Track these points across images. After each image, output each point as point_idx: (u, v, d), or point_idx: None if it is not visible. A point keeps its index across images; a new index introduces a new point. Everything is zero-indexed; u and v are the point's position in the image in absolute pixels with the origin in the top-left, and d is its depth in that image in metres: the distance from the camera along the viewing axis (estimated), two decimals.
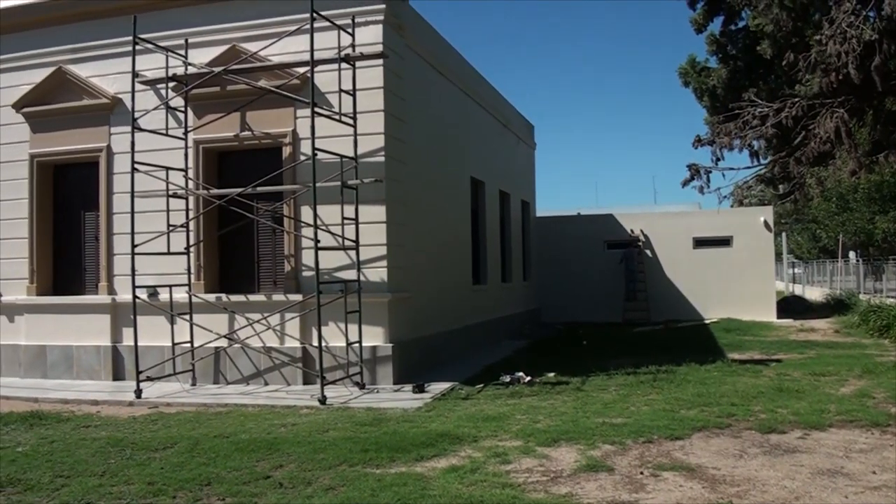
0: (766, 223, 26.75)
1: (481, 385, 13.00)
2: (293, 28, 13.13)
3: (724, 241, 27.05)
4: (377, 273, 13.35)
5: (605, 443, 8.49)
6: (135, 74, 13.68)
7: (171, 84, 14.21)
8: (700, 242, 27.34)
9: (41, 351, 15.14)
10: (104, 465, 8.11)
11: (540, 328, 24.55)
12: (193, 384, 13.85)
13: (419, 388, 12.41)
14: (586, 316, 27.04)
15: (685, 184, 23.81)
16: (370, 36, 13.41)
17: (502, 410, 10.58)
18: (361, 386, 12.97)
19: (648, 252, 27.70)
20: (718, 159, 23.02)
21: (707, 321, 25.33)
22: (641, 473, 7.32)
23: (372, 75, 13.40)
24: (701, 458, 7.84)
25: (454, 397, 12.04)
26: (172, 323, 13.90)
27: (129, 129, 13.67)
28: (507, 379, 13.23)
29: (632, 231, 27.84)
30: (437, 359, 15.47)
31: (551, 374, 13.69)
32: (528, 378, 13.23)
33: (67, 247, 15.73)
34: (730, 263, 26.71)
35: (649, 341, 19.89)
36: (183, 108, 14.31)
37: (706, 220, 27.75)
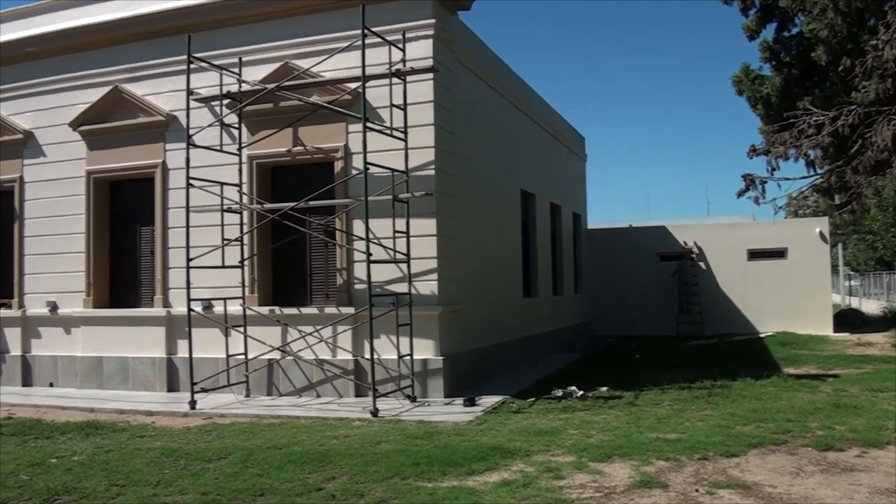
0: (821, 234, 26.22)
1: (533, 399, 12.93)
2: (345, 45, 13.26)
3: (779, 253, 26.56)
4: (428, 286, 13.38)
5: (660, 459, 8.38)
6: (189, 92, 13.93)
7: (225, 101, 14.43)
8: (754, 254, 26.86)
9: (97, 362, 15.45)
10: (159, 475, 8.24)
11: (592, 341, 24.37)
12: (247, 396, 14.01)
13: (470, 402, 12.38)
14: (639, 329, 26.75)
15: (740, 194, 23.46)
16: (420, 51, 13.49)
17: (554, 425, 10.50)
18: (412, 399, 12.99)
19: (702, 264, 27.32)
20: (774, 169, 22.66)
21: (762, 335, 24.89)
22: (696, 491, 7.20)
23: (422, 89, 13.47)
24: (757, 476, 7.69)
25: (505, 411, 12.00)
26: (227, 335, 14.10)
27: (184, 145, 13.93)
28: (560, 393, 13.14)
29: (685, 243, 27.50)
30: (488, 372, 15.44)
31: (604, 388, 13.57)
32: (581, 392, 13.14)
33: (123, 261, 16.06)
34: (785, 276, 26.19)
35: (703, 355, 19.59)
36: (237, 125, 14.54)
37: (760, 232, 27.30)
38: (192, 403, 12.97)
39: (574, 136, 26.99)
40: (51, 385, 15.90)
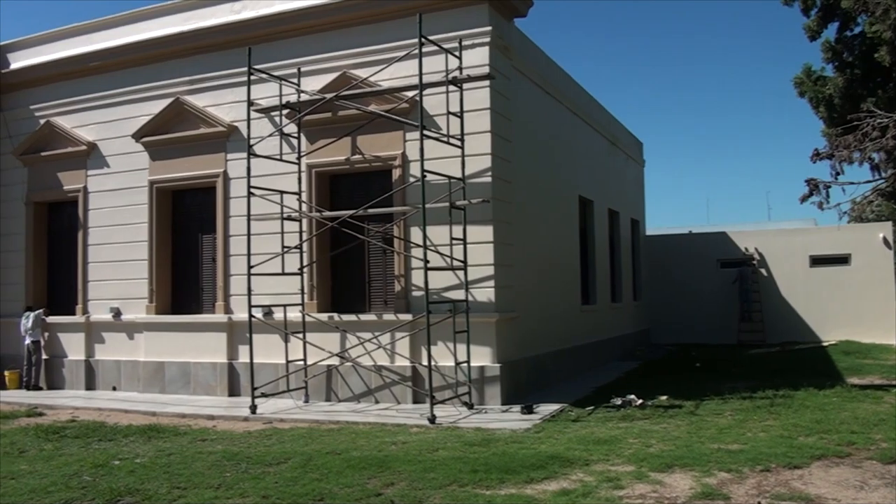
0: (885, 240, 25.51)
1: (591, 407, 12.84)
2: (402, 53, 13.35)
3: (842, 259, 25.93)
4: (485, 293, 13.38)
5: (721, 470, 8.24)
6: (250, 103, 14.14)
7: (284, 111, 14.65)
8: (817, 261, 26.24)
9: (159, 367, 15.76)
10: (220, 478, 8.36)
11: (651, 349, 24.10)
12: (306, 401, 14.15)
13: (528, 409, 12.33)
14: (698, 337, 26.38)
15: (804, 199, 23.12)
16: (477, 58, 13.50)
17: (614, 434, 10.40)
18: (470, 406, 12.98)
19: (763, 271, 26.82)
20: (838, 173, 22.24)
21: (825, 343, 24.32)
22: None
23: (479, 97, 13.48)
24: (820, 489, 7.52)
25: (564, 419, 11.93)
26: (286, 341, 14.27)
27: (244, 155, 14.15)
28: (619, 401, 13.02)
29: (745, 249, 27.01)
30: (546, 380, 15.37)
31: (664, 397, 13.41)
32: (640, 401, 12.99)
33: (185, 268, 16.38)
34: (848, 282, 25.53)
35: (765, 364, 19.25)
36: (296, 134, 14.72)
37: (823, 237, 26.69)
38: (253, 408, 13.15)
39: (632, 142, 26.75)
40: (114, 389, 16.29)
